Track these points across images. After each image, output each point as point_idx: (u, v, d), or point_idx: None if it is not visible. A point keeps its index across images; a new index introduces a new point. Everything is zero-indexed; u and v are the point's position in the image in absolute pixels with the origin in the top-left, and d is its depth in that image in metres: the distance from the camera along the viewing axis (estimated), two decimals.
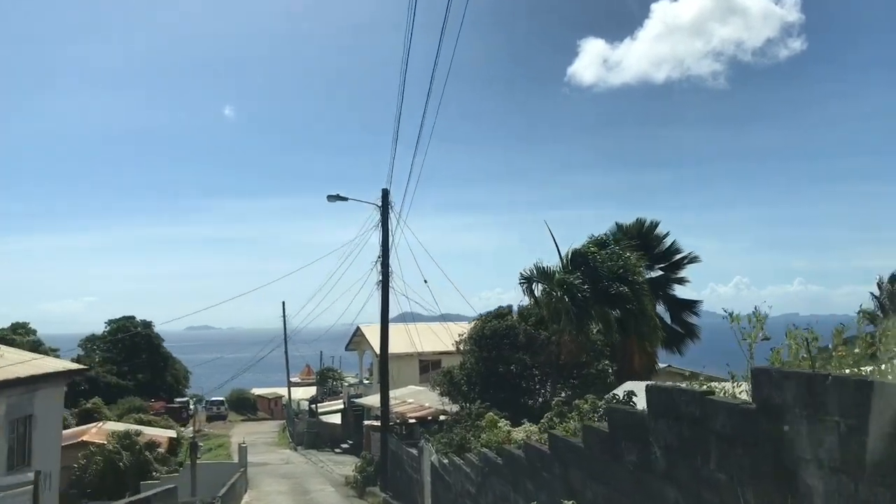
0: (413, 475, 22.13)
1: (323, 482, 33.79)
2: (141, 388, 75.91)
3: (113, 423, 41.12)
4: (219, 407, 74.22)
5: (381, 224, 28.04)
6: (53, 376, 18.79)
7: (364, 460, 30.04)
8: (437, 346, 46.65)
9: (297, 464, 42.04)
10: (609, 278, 18.19)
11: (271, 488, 32.00)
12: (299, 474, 36.92)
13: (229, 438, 59.33)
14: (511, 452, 12.19)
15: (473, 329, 27.49)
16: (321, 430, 51.78)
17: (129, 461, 32.59)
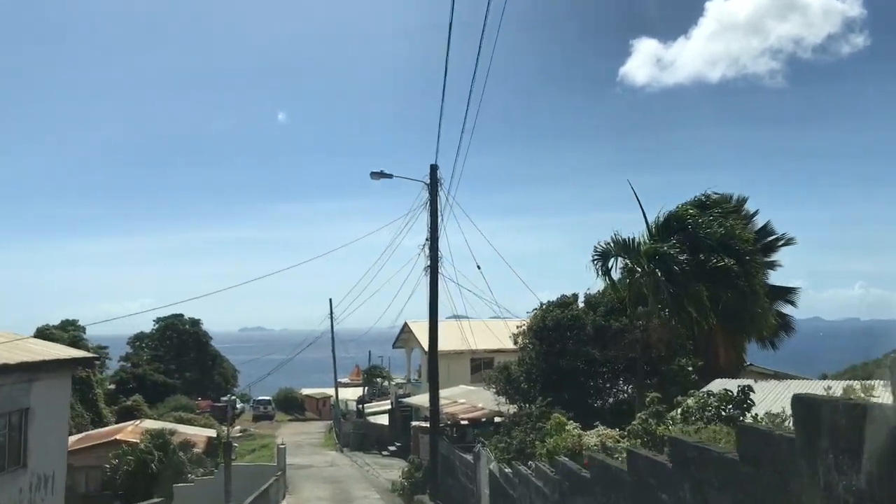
0: (468, 485, 19.00)
1: (368, 488, 30.88)
2: (188, 386, 74.48)
3: (150, 422, 38.91)
4: (266, 406, 72.15)
5: (428, 203, 25.02)
6: (53, 364, 16.25)
7: (412, 465, 27.02)
8: (490, 343, 43.56)
9: (341, 466, 39.26)
10: (713, 248, 14.70)
11: (312, 494, 29.21)
12: (343, 478, 34.10)
13: (275, 439, 56.98)
14: (607, 464, 8.97)
15: (533, 320, 24.25)
16: (368, 432, 49.02)
17: (162, 462, 30.14)
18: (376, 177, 25.85)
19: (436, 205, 24.84)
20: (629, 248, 14.85)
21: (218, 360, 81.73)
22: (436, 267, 24.73)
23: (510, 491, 14.06)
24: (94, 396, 44.54)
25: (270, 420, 69.54)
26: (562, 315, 23.29)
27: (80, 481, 33.23)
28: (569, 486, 10.38)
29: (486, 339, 43.98)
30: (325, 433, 59.66)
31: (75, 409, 41.25)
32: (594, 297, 24.23)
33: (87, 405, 42.24)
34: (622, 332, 22.63)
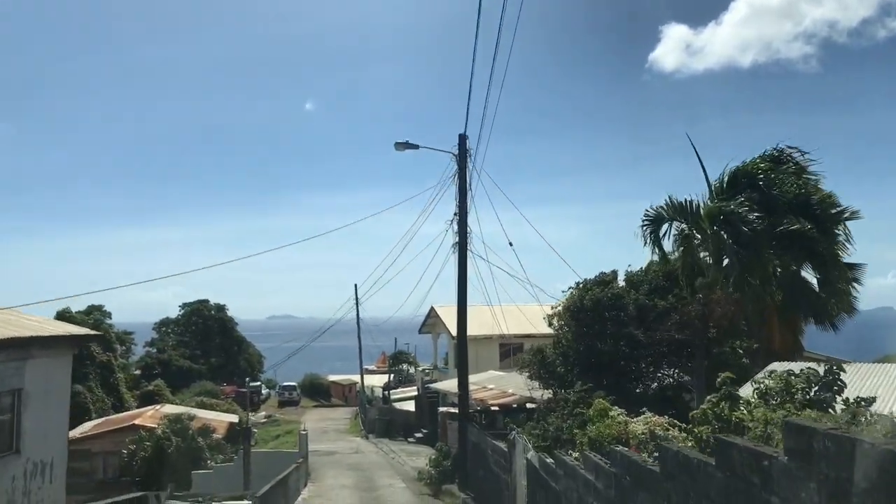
0: (501, 475, 17.33)
1: (393, 476, 29.36)
2: (214, 372, 73.75)
3: (171, 407, 37.82)
4: (291, 392, 71.08)
5: (457, 176, 23.32)
6: (49, 342, 14.82)
7: (439, 453, 25.44)
8: (520, 328, 41.83)
9: (366, 453, 37.84)
10: (788, 208, 12.67)
11: (335, 481, 27.75)
12: (368, 466, 32.64)
13: (300, 425, 55.83)
14: (687, 457, 7.22)
15: (570, 300, 22.44)
16: (394, 418, 47.55)
17: (180, 448, 28.88)
18: (401, 147, 24.19)
19: (464, 176, 23.17)
20: (687, 211, 12.97)
21: (244, 345, 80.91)
22: (464, 242, 23.06)
23: (552, 483, 12.36)
24: (116, 381, 43.61)
25: (296, 406, 68.48)
26: (601, 294, 21.46)
27: (98, 467, 32.19)
28: (630, 480, 8.64)
29: (515, 323, 42.25)
30: (350, 419, 58.40)
31: (95, 394, 40.36)
32: (636, 275, 22.35)
33: (108, 389, 41.33)
34: (668, 312, 20.78)
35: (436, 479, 24.94)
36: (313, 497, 24.29)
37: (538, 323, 42.36)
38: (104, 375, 42.23)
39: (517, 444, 15.77)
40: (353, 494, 24.71)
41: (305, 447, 28.57)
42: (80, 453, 32.27)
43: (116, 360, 45.59)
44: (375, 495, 24.60)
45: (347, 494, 24.66)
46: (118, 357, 46.47)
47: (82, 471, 32.02)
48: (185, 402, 43.37)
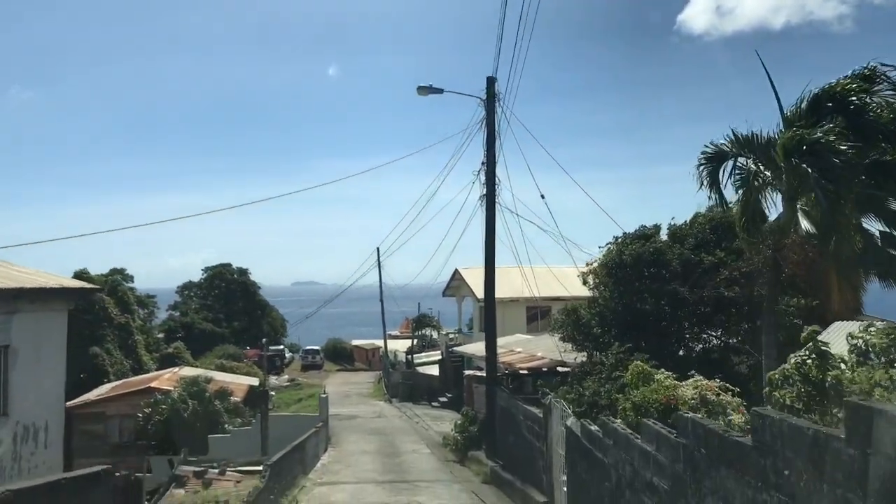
0: (534, 442, 15.83)
1: (417, 441, 28.09)
2: (237, 336, 73.11)
3: (189, 370, 36.75)
4: (314, 356, 70.27)
5: (484, 122, 21.51)
6: (39, 294, 13.45)
7: (465, 418, 24.04)
8: (549, 290, 40.18)
9: (389, 418, 36.67)
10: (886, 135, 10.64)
11: (356, 447, 26.52)
12: (391, 430, 31.42)
13: (321, 389, 54.98)
14: (794, 426, 5.57)
15: (607, 256, 20.68)
16: (417, 382, 46.38)
17: (196, 410, 27.76)
18: (424, 92, 22.41)
19: (493, 121, 21.39)
20: (755, 144, 11.12)
21: (266, 309, 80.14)
22: (493, 193, 21.37)
23: (597, 453, 10.78)
24: (134, 343, 42.71)
25: (319, 370, 67.70)
26: (642, 249, 19.68)
27: (113, 430, 31.22)
28: (705, 454, 7.02)
29: (543, 285, 40.59)
30: (373, 383, 57.46)
31: (114, 356, 39.50)
32: (680, 229, 20.51)
33: (127, 352, 40.44)
34: (716, 268, 18.99)
35: (462, 445, 23.58)
36: (333, 463, 23.04)
37: (568, 284, 40.70)
38: (122, 338, 41.35)
39: (554, 410, 14.23)
40: (376, 460, 23.43)
41: (325, 411, 27.35)
42: (95, 416, 31.35)
43: (135, 321, 44.70)
44: (399, 461, 23.31)
45: (369, 460, 23.39)
46: (136, 319, 45.56)
47: (96, 433, 31.09)
48: (205, 365, 42.38)
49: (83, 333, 38.78)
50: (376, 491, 18.13)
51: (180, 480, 21.47)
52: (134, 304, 45.72)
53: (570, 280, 41.13)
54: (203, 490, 19.68)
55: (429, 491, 18.20)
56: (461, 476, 20.75)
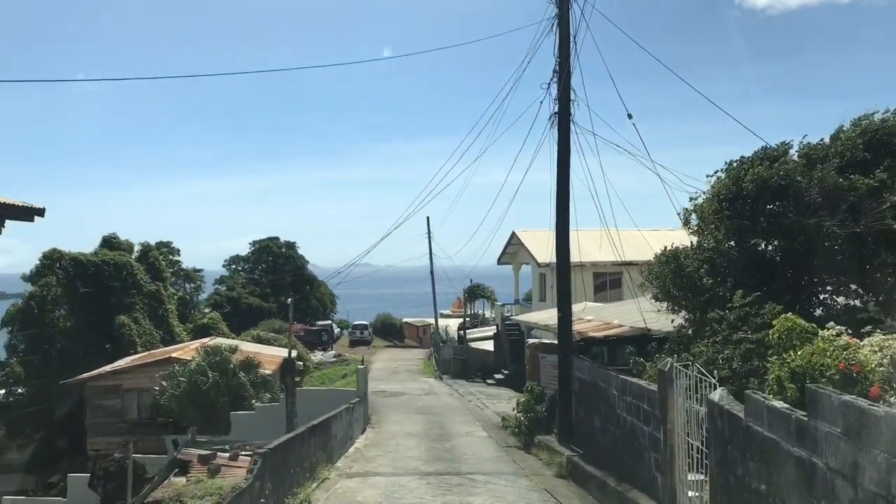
0: (638, 426, 11.04)
1: (471, 422, 23.58)
2: (284, 311, 69.70)
3: (221, 340, 32.91)
4: (362, 331, 66.22)
5: (556, 19, 16.60)
6: None
7: (530, 395, 19.33)
8: (619, 254, 35.06)
9: (439, 395, 32.22)
10: None
11: (399, 427, 22.14)
12: (440, 409, 26.95)
13: (369, 365, 50.96)
14: None
15: (719, 185, 15.57)
16: (470, 358, 41.83)
17: (218, 383, 23.74)
18: None
19: (567, 18, 16.42)
20: None
21: (315, 284, 76.55)
22: (567, 107, 16.49)
23: (792, 448, 6.01)
24: (165, 312, 39.11)
25: (367, 346, 63.71)
26: (768, 174, 14.56)
27: (130, 405, 27.55)
28: None
29: (609, 250, 35.55)
30: (423, 360, 53.16)
31: (142, 326, 35.95)
32: (817, 148, 15.28)
33: (158, 322, 36.85)
34: (877, 192, 13.83)
35: (526, 427, 18.93)
36: (369, 447, 18.64)
37: (643, 249, 35.60)
38: (152, 307, 37.86)
39: (675, 381, 9.43)
40: (421, 445, 18.97)
41: (364, 385, 22.94)
42: (111, 389, 27.76)
43: (167, 290, 41.14)
44: (449, 447, 18.79)
45: (413, 445, 18.94)
46: (168, 287, 41.98)
47: (113, 410, 27.53)
48: (243, 337, 38.62)
49: (109, 302, 35.38)
50: (419, 487, 13.62)
51: (183, 466, 17.40)
52: (166, 272, 42.14)
53: (644, 245, 36.07)
54: (208, 479, 15.43)
55: (488, 488, 13.61)
56: (528, 467, 16.10)
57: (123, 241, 39.90)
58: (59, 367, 32.06)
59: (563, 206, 17.29)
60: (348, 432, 18.32)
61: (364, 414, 22.18)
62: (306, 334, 60.19)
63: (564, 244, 17.42)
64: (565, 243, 17.42)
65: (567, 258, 17.45)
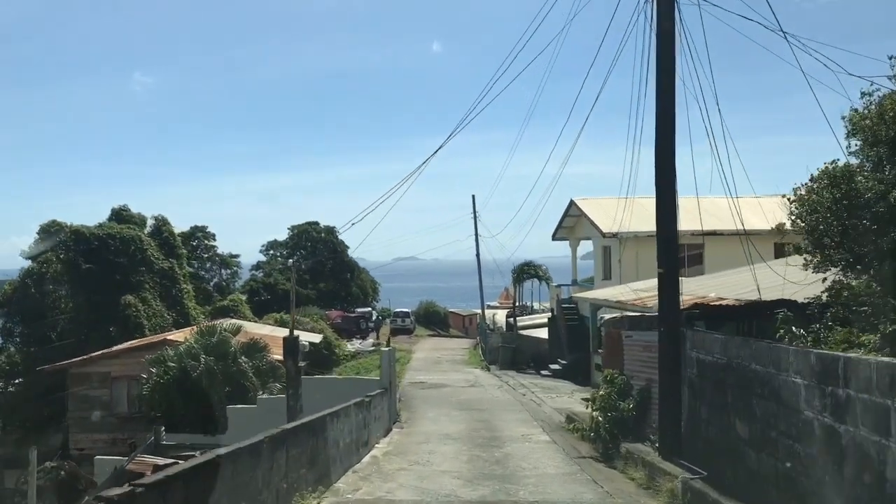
0: (868, 437, 5.55)
1: (526, 421, 18.29)
2: (324, 298, 65.34)
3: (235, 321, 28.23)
4: (404, 319, 60.94)
5: None
6: None
7: (611, 386, 13.88)
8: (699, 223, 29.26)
9: (486, 387, 26.96)
10: None
11: (435, 427, 16.98)
12: (487, 404, 21.70)
13: (410, 353, 45.97)
14: None
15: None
16: (521, 346, 36.45)
17: (212, 370, 18.93)
18: None
19: None
20: None
21: (356, 271, 71.97)
22: None
23: None
24: (180, 293, 34.62)
25: (409, 335, 58.57)
26: None
27: (121, 396, 22.95)
28: None
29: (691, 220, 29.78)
30: (469, 350, 47.93)
31: (152, 307, 31.51)
32: None
33: (171, 303, 32.35)
34: None
35: (606, 431, 13.51)
36: (391, 455, 13.50)
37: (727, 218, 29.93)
38: (165, 287, 33.51)
39: None
40: (461, 453, 13.76)
41: (389, 372, 17.76)
42: (98, 377, 23.22)
43: (182, 268, 36.64)
44: (500, 456, 13.55)
45: (451, 453, 13.73)
46: (184, 265, 37.43)
47: (100, 401, 22.99)
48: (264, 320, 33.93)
49: (113, 280, 31.01)
50: None
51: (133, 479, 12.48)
52: (181, 248, 37.57)
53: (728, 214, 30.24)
54: None
55: None
56: (617, 492, 10.75)
57: (135, 214, 35.60)
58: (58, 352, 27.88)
59: (666, 108, 11.81)
60: (362, 435, 13.20)
61: (390, 409, 17.07)
62: (344, 321, 55.57)
63: (668, 162, 11.97)
64: (669, 161, 11.96)
65: (673, 183, 12.03)
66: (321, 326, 36.22)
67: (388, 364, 17.31)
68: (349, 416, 12.17)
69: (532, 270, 36.91)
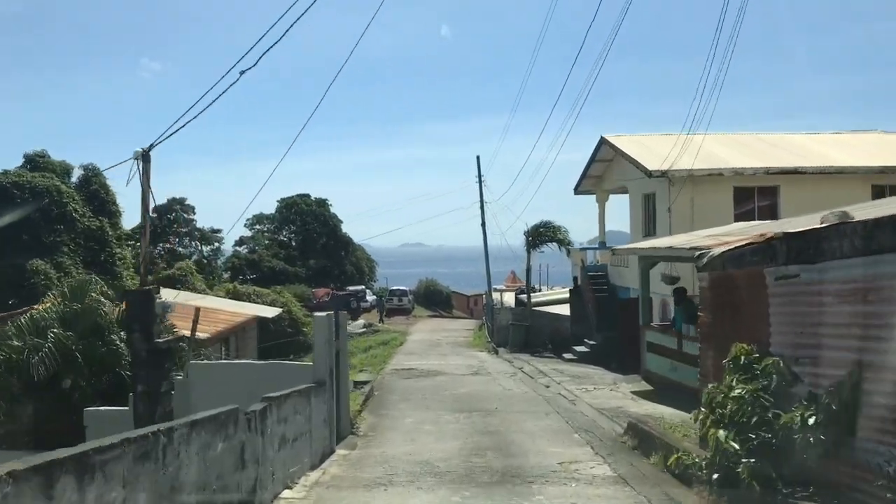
0: None
1: (561, 433, 11.13)
2: (315, 276, 58.29)
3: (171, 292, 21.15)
4: (401, 298, 53.58)
5: None
6: None
7: (752, 376, 6.73)
8: (771, 160, 22.10)
9: (493, 376, 19.80)
10: None
11: (408, 446, 9.86)
12: (497, 402, 14.53)
13: (405, 335, 38.99)
14: None
15: None
16: (536, 324, 29.31)
17: (70, 351, 11.81)
18: None
19: None
20: None
21: (351, 247, 64.79)
22: None
23: None
24: (111, 258, 27.44)
25: (407, 315, 51.45)
26: None
27: None
28: None
29: (756, 157, 22.67)
30: (473, 331, 40.83)
31: (73, 275, 24.35)
32: None
33: (100, 270, 25.17)
34: None
35: (749, 471, 6.29)
36: None
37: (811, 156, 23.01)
38: (92, 250, 26.52)
39: None
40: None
41: (328, 354, 10.32)
42: None
43: (116, 230, 29.35)
44: None
45: None
46: (120, 227, 30.12)
47: None
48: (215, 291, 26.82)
49: (20, 240, 23.96)
50: None
51: None
52: (117, 205, 30.10)
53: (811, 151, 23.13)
54: None
55: None
56: None
57: (57, 162, 28.39)
58: None
59: None
60: (240, 481, 6.02)
61: (333, 416, 9.85)
62: (333, 300, 48.45)
63: None
64: None
65: None
66: (286, 299, 29.14)
67: (327, 340, 9.91)
68: (183, 452, 5.02)
69: (550, 233, 29.51)
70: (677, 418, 12.06)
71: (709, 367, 8.79)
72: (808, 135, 25.91)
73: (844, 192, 17.58)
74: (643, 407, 13.68)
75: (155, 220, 57.79)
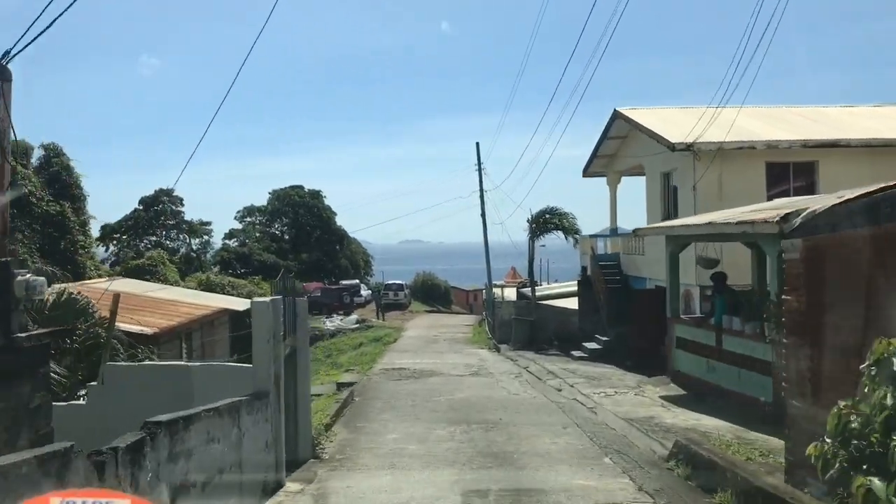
0: None
1: (586, 454, 8.52)
2: (308, 270, 55.68)
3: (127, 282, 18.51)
4: (396, 293, 50.75)
5: None
6: None
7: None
8: (807, 132, 19.57)
9: (496, 377, 17.19)
10: None
11: (385, 479, 7.24)
12: (501, 411, 11.93)
13: (400, 331, 36.34)
14: None
15: None
16: (542, 318, 26.73)
17: None
18: None
19: None
20: None
21: (346, 241, 62.18)
22: None
23: None
24: (72, 246, 24.82)
25: (403, 310, 48.75)
26: None
27: None
28: None
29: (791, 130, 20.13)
30: (473, 327, 38.19)
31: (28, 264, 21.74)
32: None
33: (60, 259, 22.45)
34: None
35: None
36: None
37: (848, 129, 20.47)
38: (51, 237, 23.97)
39: None
40: None
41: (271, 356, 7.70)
42: None
43: (80, 215, 26.65)
44: None
45: None
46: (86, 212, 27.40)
47: None
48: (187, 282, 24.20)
49: None
50: None
51: None
52: (81, 188, 27.43)
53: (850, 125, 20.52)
54: None
55: None
56: None
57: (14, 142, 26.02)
58: None
59: None
60: None
61: (291, 434, 7.24)
62: (324, 294, 45.96)
63: None
64: None
65: None
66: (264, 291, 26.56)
67: (271, 335, 7.14)
68: None
69: (555, 220, 26.89)
70: (728, 432, 9.55)
71: (802, 371, 6.22)
72: (845, 107, 23.33)
73: (892, 168, 15.07)
74: (680, 417, 11.12)
75: (141, 212, 55.34)
